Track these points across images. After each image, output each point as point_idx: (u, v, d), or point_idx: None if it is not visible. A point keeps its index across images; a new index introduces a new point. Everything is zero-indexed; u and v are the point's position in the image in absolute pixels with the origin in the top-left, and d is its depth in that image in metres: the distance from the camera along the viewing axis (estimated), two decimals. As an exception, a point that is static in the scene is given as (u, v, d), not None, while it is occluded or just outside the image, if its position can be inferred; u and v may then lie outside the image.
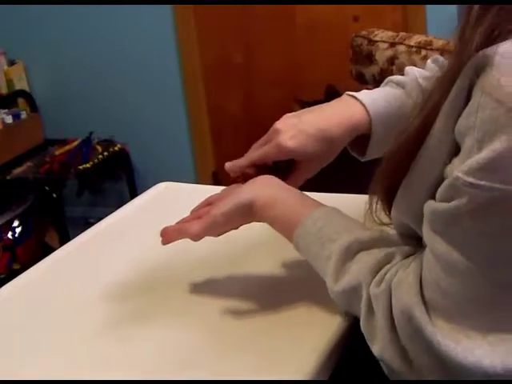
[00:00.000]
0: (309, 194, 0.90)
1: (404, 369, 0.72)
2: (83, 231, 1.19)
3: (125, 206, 1.26)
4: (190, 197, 1.01)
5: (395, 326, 0.72)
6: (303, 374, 0.78)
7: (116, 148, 3.15)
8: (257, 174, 0.94)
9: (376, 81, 1.88)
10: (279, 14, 2.92)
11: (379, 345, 0.74)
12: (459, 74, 0.66)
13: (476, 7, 0.67)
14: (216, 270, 1.00)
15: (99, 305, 0.96)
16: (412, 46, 1.84)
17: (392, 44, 1.88)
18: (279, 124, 0.94)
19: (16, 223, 2.96)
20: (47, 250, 1.80)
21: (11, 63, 3.25)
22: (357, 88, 1.05)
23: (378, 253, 0.78)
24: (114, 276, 1.02)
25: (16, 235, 2.95)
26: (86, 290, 1.00)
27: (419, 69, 1.02)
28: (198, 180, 3.16)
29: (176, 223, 0.93)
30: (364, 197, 0.84)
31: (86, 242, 1.15)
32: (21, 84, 3.27)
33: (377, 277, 0.76)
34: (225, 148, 3.11)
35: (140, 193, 1.31)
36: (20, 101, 3.28)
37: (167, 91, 3.12)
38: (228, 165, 0.97)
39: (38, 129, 3.28)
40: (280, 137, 0.93)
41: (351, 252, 0.80)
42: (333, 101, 0.99)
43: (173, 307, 0.93)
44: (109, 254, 1.09)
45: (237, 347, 0.84)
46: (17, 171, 3.05)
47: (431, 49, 1.80)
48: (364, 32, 1.97)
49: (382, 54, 1.88)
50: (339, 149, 0.97)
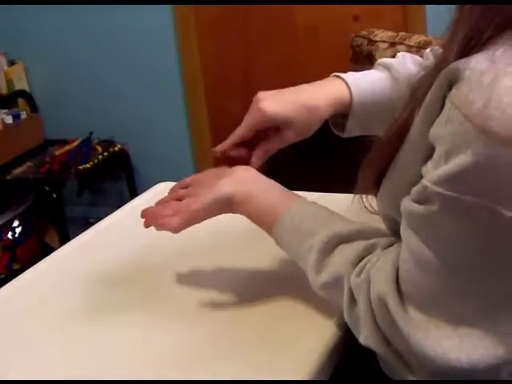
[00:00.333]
0: (302, 194, 0.90)
1: (389, 354, 0.73)
2: (83, 231, 1.19)
3: (125, 206, 1.26)
4: (190, 197, 1.00)
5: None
6: (303, 374, 0.78)
7: (116, 148, 3.15)
8: (240, 156, 0.97)
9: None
10: (279, 14, 2.92)
11: (363, 333, 0.75)
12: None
13: (458, 15, 0.67)
14: (217, 272, 1.01)
15: (99, 305, 0.96)
16: (412, 46, 1.84)
17: (392, 44, 1.88)
18: (260, 94, 0.95)
19: (16, 223, 2.96)
20: (47, 250, 1.80)
21: (11, 63, 3.25)
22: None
23: (358, 245, 0.79)
24: (114, 276, 1.02)
25: (16, 235, 2.95)
26: (86, 290, 1.00)
27: (414, 55, 1.03)
28: (198, 180, 3.15)
29: (156, 204, 0.94)
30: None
31: (86, 242, 1.15)
32: (21, 84, 3.27)
33: (357, 268, 0.77)
34: (225, 148, 3.10)
35: (140, 193, 1.31)
36: (20, 101, 3.28)
37: (167, 91, 3.12)
38: (217, 148, 0.99)
39: (38, 129, 3.29)
40: (260, 103, 0.94)
41: (331, 245, 0.81)
42: None
43: (173, 307, 0.93)
44: (109, 254, 1.09)
45: (237, 347, 0.84)
46: (17, 171, 3.05)
47: (431, 49, 1.79)
48: (364, 32, 1.97)
49: (382, 54, 1.88)
50: (320, 119, 0.96)
